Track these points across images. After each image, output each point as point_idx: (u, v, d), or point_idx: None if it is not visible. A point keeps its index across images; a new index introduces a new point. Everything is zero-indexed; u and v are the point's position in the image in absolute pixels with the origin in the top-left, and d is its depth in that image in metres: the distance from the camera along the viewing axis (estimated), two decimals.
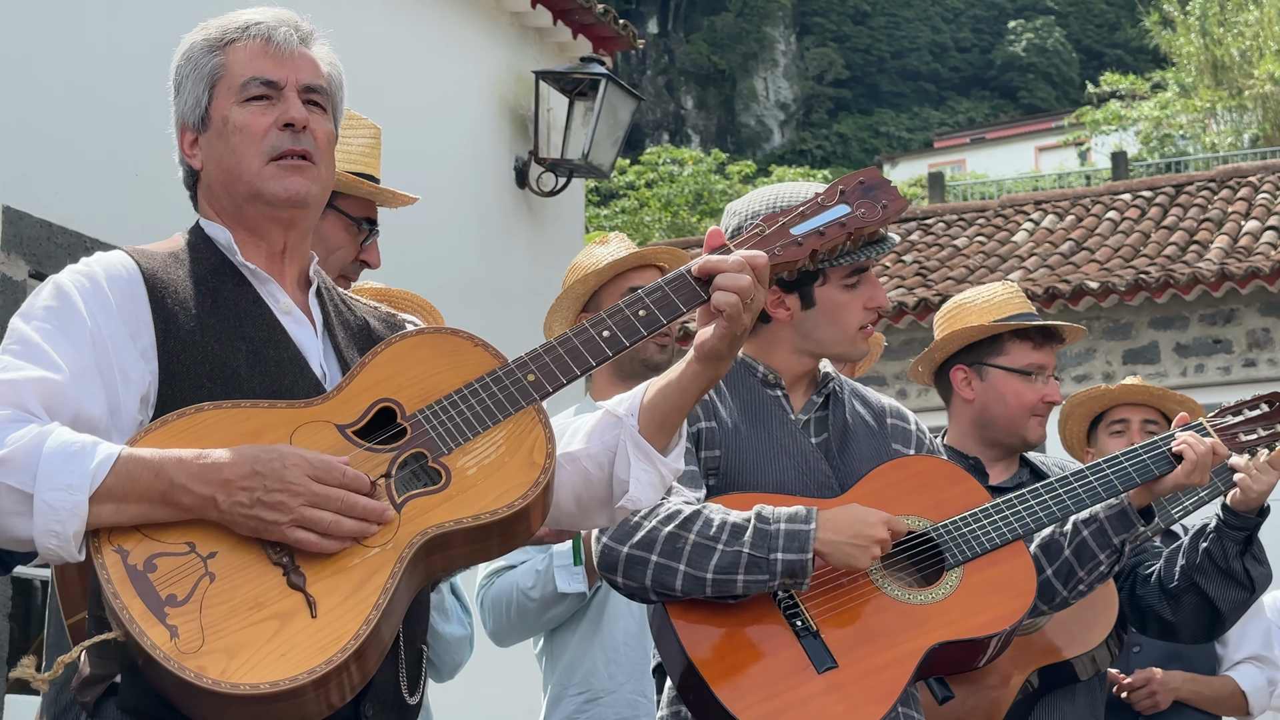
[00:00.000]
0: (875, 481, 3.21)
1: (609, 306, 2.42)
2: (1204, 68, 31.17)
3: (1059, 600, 3.50)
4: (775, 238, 2.49)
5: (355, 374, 2.33)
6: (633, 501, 2.47)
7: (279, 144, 2.41)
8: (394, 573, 2.17)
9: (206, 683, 2.07)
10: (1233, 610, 3.89)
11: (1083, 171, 35.22)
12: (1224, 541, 3.81)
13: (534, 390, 2.33)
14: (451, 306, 7.36)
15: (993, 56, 60.25)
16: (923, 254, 14.51)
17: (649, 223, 30.94)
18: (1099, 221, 14.56)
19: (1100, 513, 3.43)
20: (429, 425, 2.29)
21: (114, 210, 6.42)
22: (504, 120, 9.36)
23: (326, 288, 2.54)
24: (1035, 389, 3.86)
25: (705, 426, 3.18)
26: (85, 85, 6.48)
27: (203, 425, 2.23)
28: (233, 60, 2.44)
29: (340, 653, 2.10)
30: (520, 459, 2.28)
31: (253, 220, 2.44)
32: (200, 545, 2.17)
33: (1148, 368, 12.33)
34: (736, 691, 2.96)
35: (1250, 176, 15.04)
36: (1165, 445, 3.41)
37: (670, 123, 54.85)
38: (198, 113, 2.45)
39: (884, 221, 2.53)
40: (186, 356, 2.32)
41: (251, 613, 2.12)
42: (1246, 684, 4.79)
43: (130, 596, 2.12)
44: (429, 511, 2.23)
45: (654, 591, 3.02)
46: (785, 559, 2.97)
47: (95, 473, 2.14)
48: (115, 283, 2.33)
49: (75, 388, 2.24)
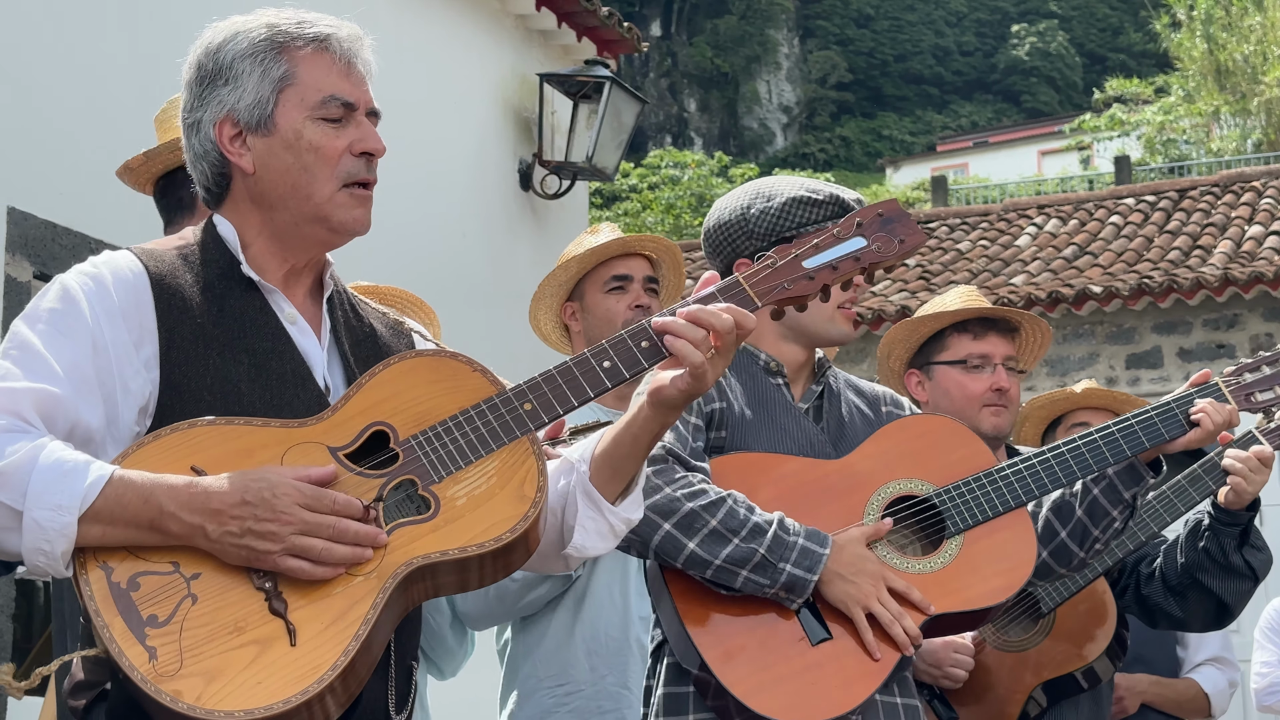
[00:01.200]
0: (882, 441, 3.21)
1: (610, 336, 2.37)
2: (1207, 72, 31.16)
3: (1076, 561, 3.43)
4: (786, 271, 2.44)
5: (351, 395, 2.31)
6: (578, 550, 2.44)
7: (354, 171, 2.38)
8: (375, 603, 2.16)
9: (182, 707, 2.07)
10: (1238, 600, 3.87)
11: (1086, 176, 35.21)
12: (1220, 539, 3.78)
13: (529, 420, 2.31)
14: (455, 308, 7.36)
15: (996, 60, 60.27)
16: (925, 257, 14.50)
17: (651, 225, 30.96)
18: (1102, 226, 14.56)
19: (1109, 470, 3.36)
20: (421, 452, 2.27)
21: (118, 211, 6.41)
22: (508, 123, 9.36)
23: (340, 292, 2.51)
24: (980, 379, 3.84)
25: (719, 407, 3.19)
26: (90, 87, 6.48)
27: (195, 441, 2.22)
28: (305, 71, 2.38)
29: (316, 684, 2.09)
30: (511, 491, 2.26)
31: (299, 239, 2.41)
32: (184, 565, 2.16)
33: (1151, 372, 12.33)
34: (730, 664, 2.96)
35: (1254, 181, 15.03)
36: (1179, 407, 3.29)
37: (673, 125, 54.86)
38: (259, 113, 2.37)
39: (900, 258, 2.49)
40: (189, 369, 2.29)
41: (231, 637, 2.12)
42: (1209, 686, 4.81)
43: (112, 615, 2.12)
44: (415, 541, 2.21)
45: (653, 553, 3.02)
46: (793, 572, 2.98)
47: (86, 494, 2.13)
48: (122, 287, 2.30)
49: (73, 398, 2.22)
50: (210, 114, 2.40)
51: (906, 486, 3.18)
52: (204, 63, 2.41)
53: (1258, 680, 6.93)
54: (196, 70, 2.42)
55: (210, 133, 2.40)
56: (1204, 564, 3.83)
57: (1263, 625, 7.03)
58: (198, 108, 2.41)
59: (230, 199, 2.43)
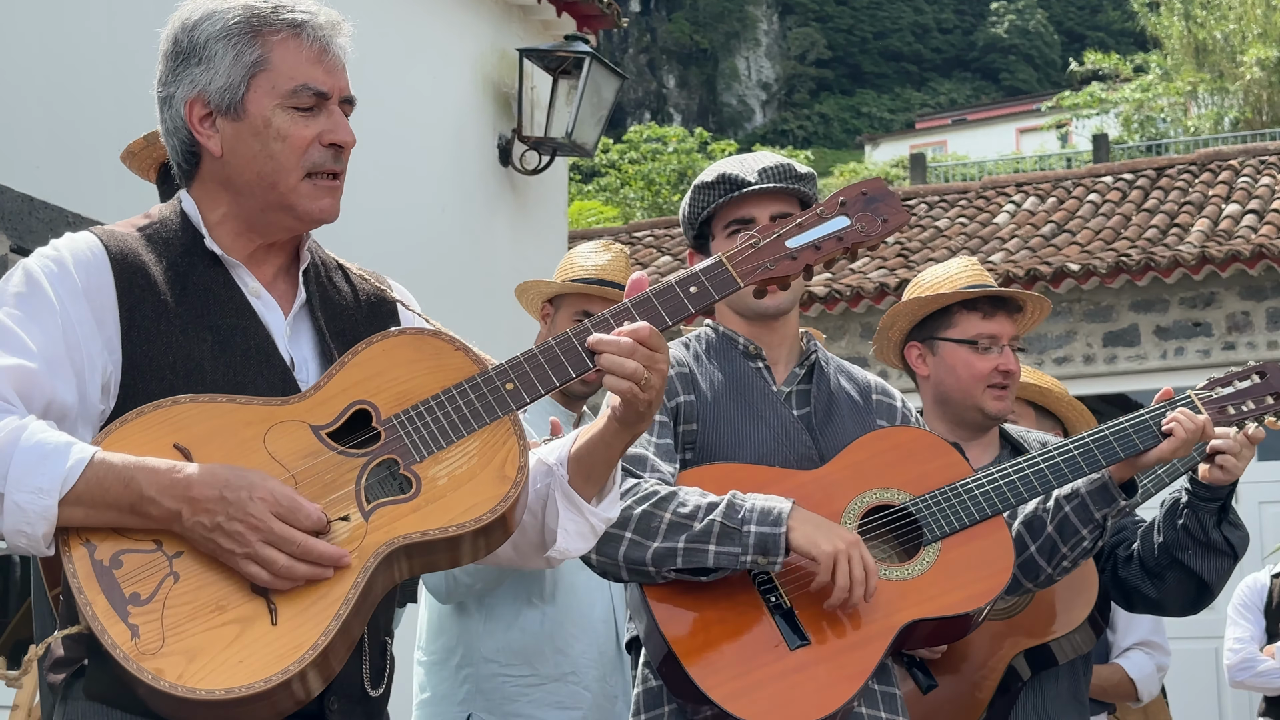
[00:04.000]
0: (857, 453, 3.20)
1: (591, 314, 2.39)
2: (1186, 51, 31.21)
3: (1044, 577, 3.48)
4: (769, 251, 2.44)
5: (334, 373, 2.31)
6: (561, 552, 2.45)
7: (320, 162, 2.36)
8: (356, 583, 2.16)
9: (163, 685, 2.07)
10: (1218, 579, 3.86)
11: (1064, 154, 35.26)
12: (1200, 515, 3.77)
13: (511, 400, 2.30)
14: (434, 283, 7.36)
15: (975, 38, 60.28)
16: (904, 235, 14.51)
17: (632, 200, 30.93)
18: (1080, 204, 14.57)
19: (1082, 487, 3.40)
20: (403, 431, 2.27)
21: (95, 185, 6.40)
22: (488, 98, 9.34)
23: (319, 264, 2.50)
24: (987, 359, 3.82)
25: (684, 400, 3.18)
26: (66, 60, 6.45)
27: (177, 419, 2.21)
28: (279, 57, 2.35)
29: (296, 663, 2.10)
30: (492, 471, 2.26)
31: (266, 225, 2.40)
32: (167, 544, 2.16)
33: (1128, 350, 12.36)
34: (709, 669, 2.97)
35: (1231, 160, 15.04)
36: (1151, 420, 3.36)
37: (652, 101, 54.77)
38: (229, 98, 2.34)
39: (883, 237, 2.49)
40: (150, 348, 2.29)
41: (213, 616, 2.13)
42: (1135, 671, 4.81)
43: (95, 592, 2.13)
44: (396, 521, 2.21)
45: (625, 568, 3.02)
46: (758, 531, 2.97)
47: (66, 477, 2.13)
48: (82, 268, 2.29)
49: (48, 375, 2.22)
50: (182, 91, 2.38)
51: (882, 496, 3.18)
52: (180, 38, 2.39)
53: (1230, 656, 6.97)
54: (172, 44, 2.40)
55: (181, 110, 2.38)
56: (1183, 542, 3.83)
57: (1235, 602, 7.07)
58: (171, 82, 2.39)
59: (199, 177, 2.41)
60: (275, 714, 2.14)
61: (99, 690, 2.23)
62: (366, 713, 2.35)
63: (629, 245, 15.60)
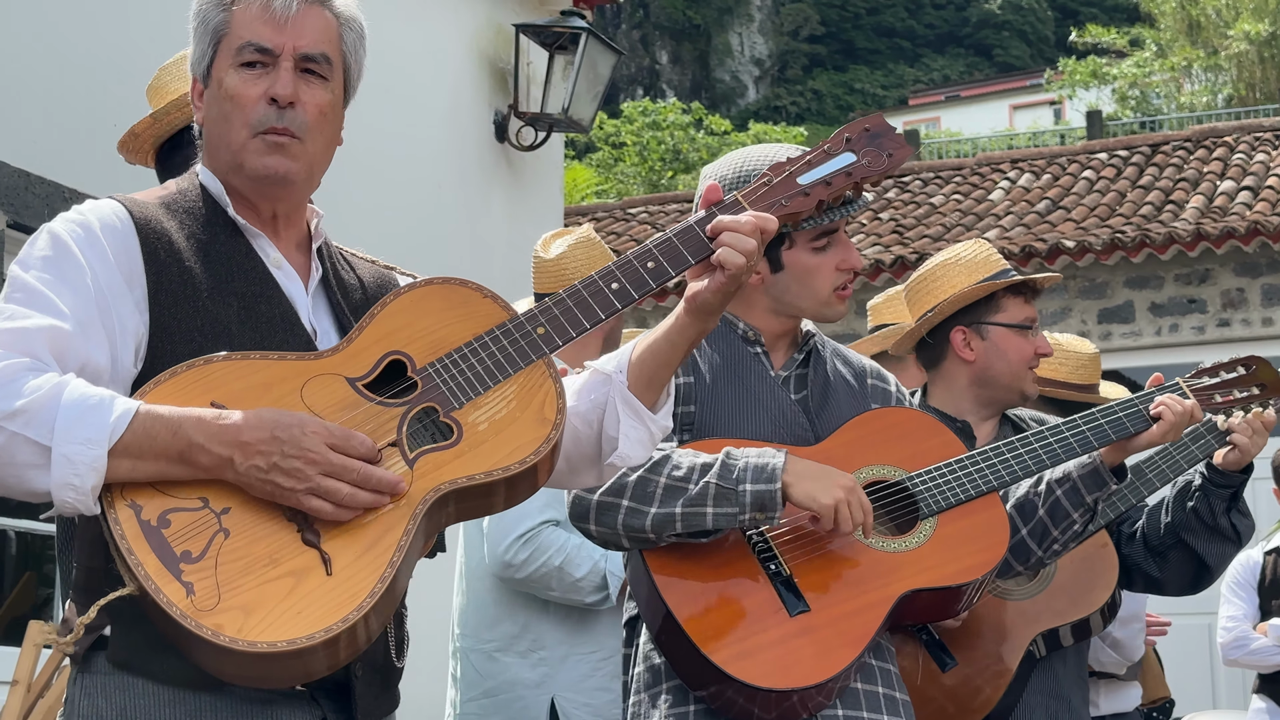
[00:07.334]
0: (852, 431, 3.23)
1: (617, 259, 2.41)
2: (1179, 27, 31.19)
3: (1034, 560, 3.52)
4: (782, 188, 2.48)
5: (365, 325, 2.32)
6: (621, 459, 2.47)
7: (265, 119, 2.35)
8: (408, 529, 2.17)
9: (224, 640, 2.06)
10: (1219, 563, 3.94)
11: (1057, 130, 35.25)
12: (1211, 500, 3.85)
13: (544, 344, 2.33)
14: (431, 260, 7.34)
15: (968, 14, 60.16)
16: (899, 211, 14.51)
17: (627, 175, 30.90)
18: (1075, 180, 14.57)
19: (1073, 471, 3.45)
20: (439, 379, 2.28)
21: (92, 160, 6.37)
22: (484, 74, 9.31)
23: (328, 244, 2.52)
24: (1031, 342, 3.87)
25: (682, 381, 3.19)
26: (63, 34, 6.43)
27: (212, 377, 2.21)
28: (236, 19, 2.38)
29: (356, 610, 2.10)
30: (531, 414, 2.28)
31: (234, 189, 2.41)
32: (214, 501, 2.15)
33: (1123, 327, 12.38)
34: (710, 633, 2.98)
35: (1226, 136, 15.05)
36: (1142, 404, 3.43)
37: (645, 77, 54.67)
38: (202, 66, 2.41)
39: (889, 169, 2.53)
40: (178, 310, 2.29)
41: (267, 569, 2.12)
42: None
43: (145, 553, 2.10)
44: (442, 467, 2.22)
45: (626, 537, 3.04)
46: (754, 489, 2.98)
47: (114, 427, 2.11)
48: (109, 232, 2.29)
49: (82, 337, 2.21)
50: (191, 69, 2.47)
51: (879, 472, 3.21)
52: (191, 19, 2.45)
53: (1224, 634, 6.99)
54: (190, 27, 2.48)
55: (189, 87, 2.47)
56: (1191, 524, 3.88)
57: (1229, 580, 7.09)
58: None
59: (203, 150, 2.47)
60: (325, 667, 2.14)
61: (123, 657, 2.22)
62: (385, 683, 2.37)
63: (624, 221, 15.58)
